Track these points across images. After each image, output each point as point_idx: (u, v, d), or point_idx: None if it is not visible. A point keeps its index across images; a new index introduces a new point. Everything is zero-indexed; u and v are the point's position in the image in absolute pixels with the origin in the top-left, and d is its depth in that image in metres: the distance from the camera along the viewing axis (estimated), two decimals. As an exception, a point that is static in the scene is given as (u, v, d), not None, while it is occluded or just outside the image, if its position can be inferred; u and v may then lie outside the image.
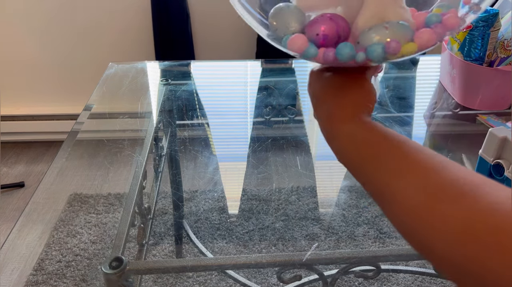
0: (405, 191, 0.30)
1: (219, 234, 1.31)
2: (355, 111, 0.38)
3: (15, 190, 1.76)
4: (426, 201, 0.29)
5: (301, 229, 1.30)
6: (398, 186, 0.31)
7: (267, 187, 1.36)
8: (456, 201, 0.27)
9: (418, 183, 0.30)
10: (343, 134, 0.37)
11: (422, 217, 0.29)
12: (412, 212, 0.29)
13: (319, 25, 0.34)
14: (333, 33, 0.35)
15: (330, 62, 0.35)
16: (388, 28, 0.33)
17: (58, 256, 1.23)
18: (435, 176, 0.30)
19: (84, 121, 0.98)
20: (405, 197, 0.30)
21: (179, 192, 1.17)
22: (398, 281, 1.20)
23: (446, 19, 0.34)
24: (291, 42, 0.34)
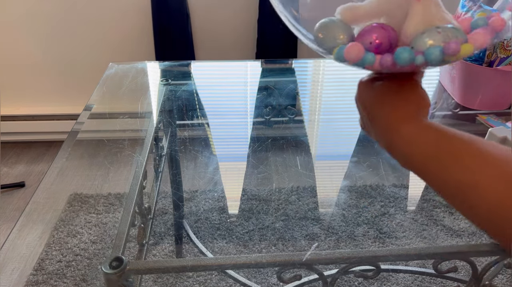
0: (487, 185, 0.30)
1: (219, 234, 1.31)
2: (415, 114, 0.38)
3: (15, 190, 1.76)
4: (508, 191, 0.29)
5: (301, 229, 1.30)
6: (479, 182, 0.31)
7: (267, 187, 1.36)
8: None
9: (500, 175, 0.30)
10: (407, 138, 0.37)
11: (506, 207, 0.29)
12: (498, 205, 0.30)
13: (372, 33, 0.36)
14: (385, 41, 0.36)
15: (387, 67, 0.35)
16: (440, 32, 0.33)
17: (58, 256, 1.23)
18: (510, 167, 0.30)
19: (84, 121, 0.98)
20: (488, 191, 0.30)
21: (179, 192, 1.17)
22: (398, 281, 1.20)
23: (492, 22, 0.35)
24: (348, 51, 0.35)
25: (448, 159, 0.33)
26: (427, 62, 0.34)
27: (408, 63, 0.34)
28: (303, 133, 1.13)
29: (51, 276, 1.18)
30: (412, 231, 1.30)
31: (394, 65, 0.35)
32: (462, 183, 0.32)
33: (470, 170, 0.32)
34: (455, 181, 0.33)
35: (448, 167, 0.33)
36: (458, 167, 0.33)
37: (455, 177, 0.32)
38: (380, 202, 1.38)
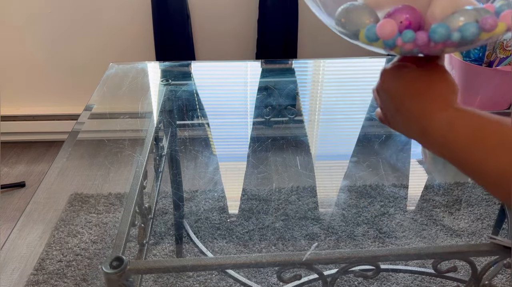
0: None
1: (219, 234, 1.31)
2: (451, 100, 0.37)
3: (15, 190, 1.76)
4: None
5: (301, 229, 1.30)
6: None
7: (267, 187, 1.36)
8: None
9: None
10: (447, 124, 0.36)
11: None
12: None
13: (403, 13, 0.35)
14: (415, 21, 0.36)
15: (422, 45, 0.35)
16: (473, 11, 0.34)
17: (59, 256, 1.24)
18: None
19: (85, 121, 0.98)
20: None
21: (179, 192, 1.17)
22: (398, 281, 1.20)
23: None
24: (382, 27, 0.35)
25: (493, 143, 0.32)
26: (463, 39, 0.34)
27: (444, 39, 0.34)
28: (303, 133, 1.13)
29: (52, 275, 1.18)
30: (412, 231, 1.30)
31: (428, 42, 0.34)
32: (508, 169, 0.31)
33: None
34: (500, 166, 0.31)
35: (492, 151, 0.32)
36: (504, 151, 0.31)
37: (500, 161, 0.31)
38: (380, 202, 1.38)
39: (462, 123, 0.35)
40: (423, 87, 0.38)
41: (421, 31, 0.35)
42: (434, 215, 1.34)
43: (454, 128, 0.35)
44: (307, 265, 0.55)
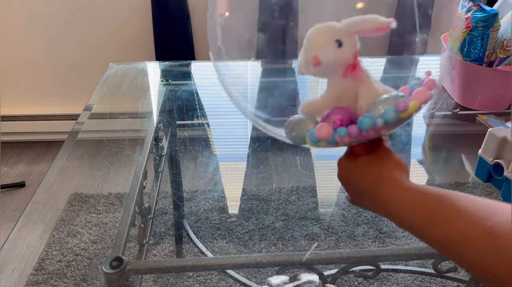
0: (470, 242, 0.34)
1: (219, 234, 1.31)
2: (400, 179, 0.42)
3: (15, 190, 1.76)
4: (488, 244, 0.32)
5: (301, 229, 1.30)
6: (464, 241, 0.34)
7: (267, 187, 1.36)
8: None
9: (482, 233, 0.33)
10: (399, 205, 0.41)
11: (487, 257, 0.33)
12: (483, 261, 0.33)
13: (334, 114, 0.43)
14: (346, 117, 0.43)
15: (355, 136, 0.41)
16: (388, 98, 0.41)
17: (59, 256, 1.23)
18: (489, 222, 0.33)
19: (85, 121, 0.98)
20: (472, 249, 0.34)
21: (179, 192, 1.17)
22: (398, 281, 1.20)
23: (425, 83, 0.42)
24: (318, 131, 0.42)
25: (437, 221, 0.37)
26: (386, 123, 0.40)
27: (371, 127, 0.40)
28: (303, 133, 1.12)
29: (52, 276, 1.18)
30: (412, 231, 1.30)
31: (360, 132, 0.40)
32: (451, 241, 0.36)
33: (457, 230, 0.35)
34: (444, 240, 0.36)
35: (437, 228, 0.37)
36: (446, 228, 0.36)
37: (444, 237, 0.36)
38: (380, 202, 1.37)
39: (412, 203, 0.39)
40: (374, 174, 0.44)
41: (353, 125, 0.41)
42: (434, 215, 1.33)
43: (406, 208, 0.40)
44: (307, 265, 0.55)
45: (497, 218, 0.33)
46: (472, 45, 0.92)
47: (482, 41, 0.91)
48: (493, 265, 0.32)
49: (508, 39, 0.90)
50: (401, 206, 0.40)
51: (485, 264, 0.33)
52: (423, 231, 0.39)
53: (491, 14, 0.88)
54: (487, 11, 0.89)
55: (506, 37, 0.91)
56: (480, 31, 0.90)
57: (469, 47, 0.93)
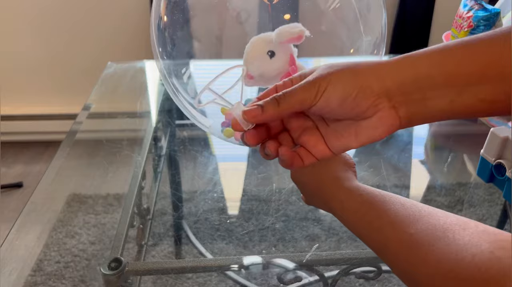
0: (394, 249, 0.33)
1: (219, 235, 1.30)
2: (343, 179, 0.43)
3: (13, 190, 1.75)
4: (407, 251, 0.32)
5: (302, 230, 1.29)
6: (388, 246, 0.34)
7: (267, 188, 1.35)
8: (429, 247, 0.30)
9: (399, 237, 0.33)
10: (339, 206, 0.42)
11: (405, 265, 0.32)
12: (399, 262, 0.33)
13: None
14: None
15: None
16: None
17: (57, 257, 1.23)
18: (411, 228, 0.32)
19: (83, 121, 0.98)
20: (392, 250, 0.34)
21: (178, 193, 1.17)
22: (399, 282, 1.20)
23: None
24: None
25: (367, 225, 0.37)
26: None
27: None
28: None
29: (50, 277, 1.18)
30: (413, 232, 1.29)
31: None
32: (380, 246, 0.36)
33: (383, 235, 0.35)
34: (376, 244, 0.37)
35: (368, 231, 0.37)
36: (375, 232, 0.36)
37: (375, 240, 0.36)
38: (380, 203, 1.37)
39: (347, 206, 0.40)
40: (319, 175, 0.45)
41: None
42: (435, 215, 1.33)
43: (345, 209, 0.41)
44: (307, 267, 0.55)
45: (420, 226, 0.32)
46: (474, 44, 0.92)
47: (484, 40, 0.90)
48: (413, 275, 0.31)
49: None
50: (341, 207, 0.41)
51: (406, 273, 0.32)
52: (359, 233, 0.39)
53: (493, 13, 0.88)
54: (489, 10, 0.89)
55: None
56: (482, 30, 0.89)
57: (470, 46, 0.92)
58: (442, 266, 0.28)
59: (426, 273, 0.29)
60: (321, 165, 0.45)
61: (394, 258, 0.34)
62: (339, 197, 0.42)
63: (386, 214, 0.36)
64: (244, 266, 0.55)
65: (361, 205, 0.39)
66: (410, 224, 0.33)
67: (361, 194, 0.40)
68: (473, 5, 0.91)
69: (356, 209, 0.39)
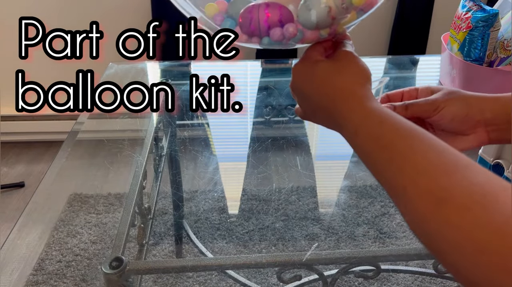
0: (414, 193, 0.29)
1: (219, 234, 1.31)
2: (360, 95, 0.37)
3: (15, 190, 1.76)
4: (434, 207, 0.27)
5: (301, 229, 1.30)
6: (409, 187, 0.29)
7: (267, 187, 1.36)
8: (464, 210, 0.25)
9: (427, 186, 0.28)
10: (352, 129, 0.36)
11: (431, 223, 0.27)
12: (421, 216, 0.28)
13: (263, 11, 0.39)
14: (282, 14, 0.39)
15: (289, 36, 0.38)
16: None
17: (58, 256, 1.23)
18: (445, 180, 0.28)
19: (84, 121, 0.98)
20: (414, 199, 0.29)
21: (179, 192, 1.17)
22: (398, 281, 1.20)
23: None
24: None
25: (385, 161, 0.32)
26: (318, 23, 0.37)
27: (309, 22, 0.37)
28: (303, 133, 1.13)
29: (51, 276, 1.18)
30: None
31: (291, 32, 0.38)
32: (395, 186, 0.31)
33: (404, 178, 0.30)
34: (389, 181, 0.32)
35: (383, 167, 0.32)
36: (393, 171, 0.31)
37: (389, 178, 0.32)
38: (380, 202, 1.38)
39: (364, 131, 0.35)
40: (333, 86, 0.38)
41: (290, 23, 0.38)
42: (434, 215, 1.33)
43: (358, 134, 0.35)
44: (307, 266, 0.55)
45: (454, 180, 0.27)
46: (473, 45, 0.92)
47: (483, 41, 0.91)
48: (435, 234, 0.27)
49: (508, 39, 0.90)
50: (355, 131, 0.35)
51: (424, 229, 0.28)
52: (372, 166, 0.34)
53: (492, 14, 0.88)
54: (487, 11, 0.89)
55: (506, 37, 0.91)
56: (481, 31, 0.90)
57: (469, 47, 0.93)
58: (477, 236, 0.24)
59: (455, 240, 0.26)
60: (335, 74, 0.38)
61: (412, 208, 0.29)
62: (354, 118, 0.36)
63: (413, 153, 0.30)
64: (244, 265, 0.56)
65: (382, 134, 0.33)
66: (443, 175, 0.28)
67: (382, 121, 0.34)
68: (472, 6, 0.91)
69: (374, 137, 0.33)
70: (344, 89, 0.38)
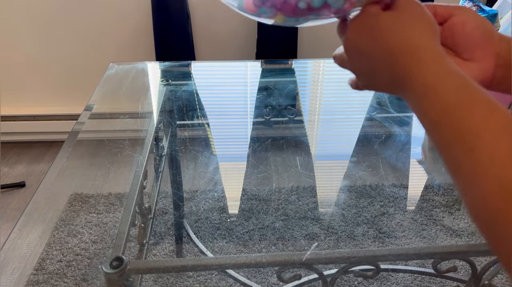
0: (483, 181, 0.25)
1: (219, 234, 1.31)
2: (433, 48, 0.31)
3: (15, 190, 1.76)
4: (504, 203, 0.24)
5: (301, 229, 1.30)
6: (479, 173, 0.26)
7: (267, 187, 1.36)
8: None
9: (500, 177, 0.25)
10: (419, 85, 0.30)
11: (499, 219, 0.24)
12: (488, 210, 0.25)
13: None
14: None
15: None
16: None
17: (59, 256, 1.24)
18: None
19: (85, 121, 0.98)
20: (482, 189, 0.25)
21: (179, 192, 1.18)
22: (398, 281, 1.20)
23: None
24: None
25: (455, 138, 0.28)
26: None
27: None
28: (303, 133, 1.13)
29: (52, 275, 1.18)
30: (412, 231, 1.30)
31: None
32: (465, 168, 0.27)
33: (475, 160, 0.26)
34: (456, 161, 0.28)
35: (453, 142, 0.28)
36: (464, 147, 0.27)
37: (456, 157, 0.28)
38: (379, 202, 1.38)
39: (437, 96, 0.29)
40: (394, 35, 0.32)
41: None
42: (434, 215, 1.34)
43: (428, 97, 0.30)
44: (307, 265, 0.56)
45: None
46: (472, 45, 0.92)
47: (482, 41, 0.91)
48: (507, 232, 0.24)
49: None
50: (424, 93, 0.30)
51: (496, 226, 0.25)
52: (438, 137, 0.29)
53: (491, 14, 0.88)
54: (486, 11, 0.89)
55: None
56: (480, 31, 0.90)
57: (468, 47, 0.93)
58: None
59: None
60: (400, 24, 0.33)
61: (479, 198, 0.26)
62: (426, 76, 0.30)
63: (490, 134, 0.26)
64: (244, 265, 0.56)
65: (457, 104, 0.28)
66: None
67: (459, 88, 0.29)
68: (471, 6, 0.91)
69: (447, 106, 0.28)
70: (411, 41, 0.32)
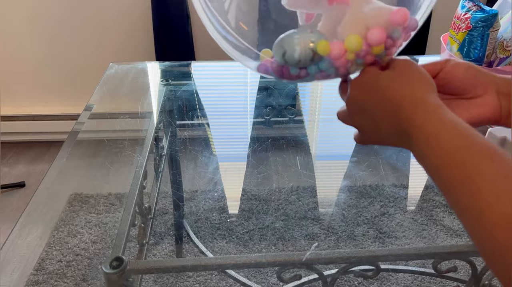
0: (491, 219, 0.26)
1: (219, 234, 1.31)
2: (432, 101, 0.34)
3: (15, 190, 1.76)
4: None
5: (301, 229, 1.30)
6: (486, 211, 0.27)
7: (267, 187, 1.36)
8: None
9: (506, 213, 0.26)
10: (423, 140, 0.33)
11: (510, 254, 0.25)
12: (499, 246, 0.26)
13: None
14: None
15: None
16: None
17: (59, 256, 1.24)
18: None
19: (85, 121, 0.98)
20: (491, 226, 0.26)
21: (179, 192, 1.17)
22: (398, 281, 1.20)
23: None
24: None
25: (460, 182, 0.29)
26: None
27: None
28: (303, 133, 1.13)
29: (52, 276, 1.18)
30: (412, 231, 1.30)
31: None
32: (471, 209, 0.28)
33: (480, 201, 0.27)
34: (462, 203, 0.29)
35: (457, 184, 0.29)
36: (469, 188, 0.28)
37: (462, 200, 0.29)
38: (379, 202, 1.38)
39: (438, 143, 0.31)
40: (395, 90, 0.35)
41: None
42: (434, 215, 1.34)
43: (431, 145, 0.32)
44: (307, 265, 0.56)
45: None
46: (472, 45, 0.92)
47: (482, 41, 0.91)
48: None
49: (508, 39, 0.90)
50: (426, 141, 0.32)
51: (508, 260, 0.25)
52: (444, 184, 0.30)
53: (491, 14, 0.88)
54: (486, 11, 0.89)
55: (506, 37, 0.91)
56: (480, 31, 0.90)
57: (469, 47, 0.93)
58: None
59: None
60: (400, 81, 0.36)
61: (488, 235, 0.26)
62: (428, 126, 0.32)
63: (493, 173, 0.27)
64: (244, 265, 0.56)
65: (459, 148, 0.30)
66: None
67: (460, 134, 0.31)
68: (471, 6, 0.91)
69: (450, 151, 0.30)
70: (412, 96, 0.34)
